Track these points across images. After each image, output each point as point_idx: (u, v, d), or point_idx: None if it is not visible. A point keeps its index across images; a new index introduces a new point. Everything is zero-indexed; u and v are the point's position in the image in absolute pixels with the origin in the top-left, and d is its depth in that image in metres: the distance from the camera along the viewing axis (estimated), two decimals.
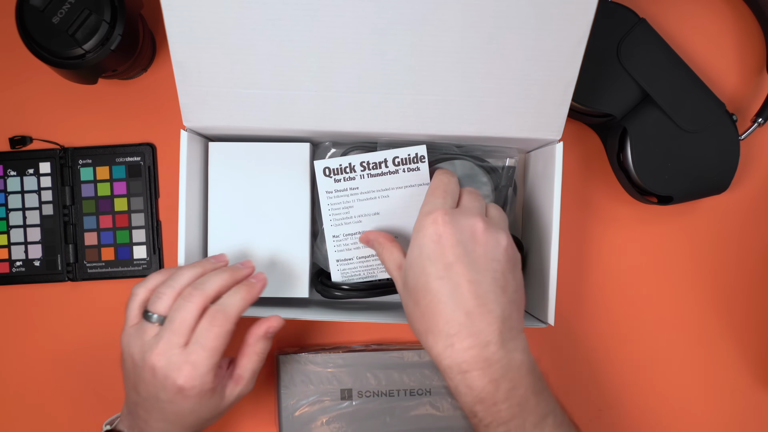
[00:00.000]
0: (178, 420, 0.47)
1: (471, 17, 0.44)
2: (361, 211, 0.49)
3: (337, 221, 0.49)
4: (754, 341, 0.61)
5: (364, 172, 0.47)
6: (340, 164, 0.46)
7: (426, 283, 0.42)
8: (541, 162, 0.54)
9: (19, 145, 0.61)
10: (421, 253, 0.43)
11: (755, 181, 0.61)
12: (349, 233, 0.51)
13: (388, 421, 0.58)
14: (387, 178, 0.48)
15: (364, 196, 0.49)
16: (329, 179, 0.47)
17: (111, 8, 0.51)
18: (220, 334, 0.45)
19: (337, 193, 0.48)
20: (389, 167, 0.47)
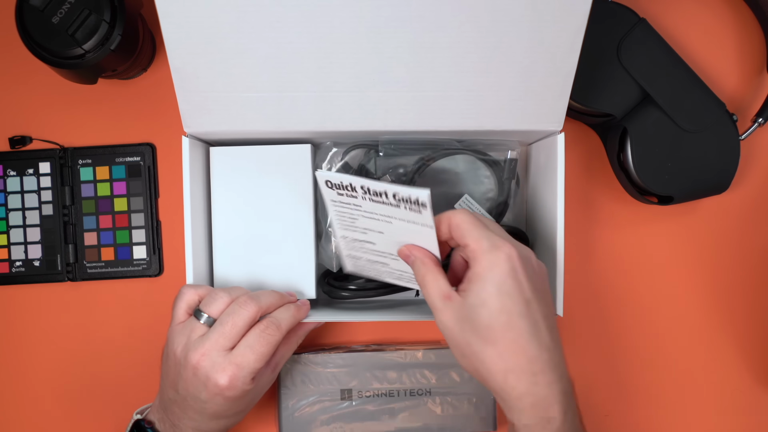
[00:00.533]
0: (214, 419, 0.49)
1: (467, 12, 0.44)
2: (366, 225, 0.47)
3: (345, 226, 0.48)
4: (754, 341, 0.61)
5: (365, 195, 0.44)
6: (341, 181, 0.44)
7: (508, 321, 0.41)
8: (543, 154, 0.54)
9: (19, 145, 0.61)
10: (500, 291, 0.41)
11: (755, 181, 0.61)
12: (356, 239, 0.49)
13: (388, 421, 0.58)
14: (388, 208, 0.44)
15: (368, 215, 0.46)
16: (332, 191, 0.45)
17: (111, 8, 0.51)
18: (270, 342, 0.47)
19: (342, 204, 0.46)
20: (389, 200, 0.43)
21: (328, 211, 0.48)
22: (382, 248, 0.48)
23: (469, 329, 0.42)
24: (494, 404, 0.59)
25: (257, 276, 0.55)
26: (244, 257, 0.55)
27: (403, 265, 0.48)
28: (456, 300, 0.42)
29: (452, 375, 0.58)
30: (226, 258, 0.55)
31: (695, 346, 0.61)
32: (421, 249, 0.45)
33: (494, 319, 0.41)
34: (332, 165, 0.56)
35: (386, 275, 0.51)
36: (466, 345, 0.42)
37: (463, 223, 0.43)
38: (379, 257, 0.49)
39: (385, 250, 0.48)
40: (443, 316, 0.43)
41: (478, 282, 0.41)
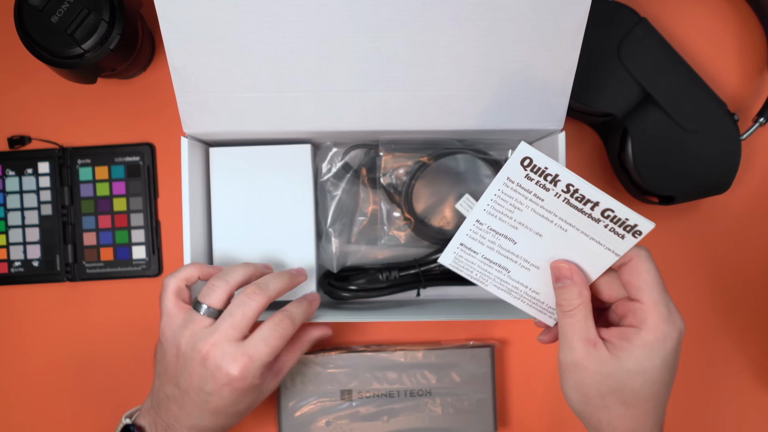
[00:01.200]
0: (213, 417, 0.48)
1: (467, 10, 0.44)
2: (527, 220, 0.42)
3: (493, 211, 0.42)
4: (755, 341, 0.61)
5: (562, 194, 0.40)
6: (545, 166, 0.39)
7: (657, 392, 0.41)
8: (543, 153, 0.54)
9: (18, 144, 0.61)
10: (664, 364, 0.40)
11: (756, 181, 0.61)
12: (495, 230, 0.43)
13: (388, 421, 0.58)
14: (579, 216, 0.40)
15: (541, 212, 0.41)
16: (522, 170, 0.40)
17: (110, 7, 0.51)
18: (283, 336, 0.47)
19: (518, 188, 0.40)
20: (593, 212, 0.40)
21: (489, 189, 0.41)
22: (522, 252, 0.43)
23: (612, 388, 0.41)
24: (494, 405, 0.58)
25: None
26: (243, 258, 0.55)
27: (530, 279, 0.44)
28: (602, 351, 0.41)
29: (452, 375, 0.58)
30: (225, 258, 0.55)
31: (696, 346, 0.61)
32: (582, 276, 0.42)
33: (647, 389, 0.41)
34: (332, 165, 0.56)
35: (495, 282, 0.45)
36: (599, 398, 0.41)
37: (647, 275, 0.41)
38: (507, 260, 0.44)
39: (523, 255, 0.44)
40: (581, 360, 0.41)
41: (644, 349, 0.40)
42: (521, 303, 0.46)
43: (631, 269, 0.41)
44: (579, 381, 0.42)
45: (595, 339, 0.41)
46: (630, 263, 0.41)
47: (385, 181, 0.54)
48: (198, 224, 0.53)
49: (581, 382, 0.42)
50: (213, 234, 0.55)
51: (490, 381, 0.58)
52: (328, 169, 0.56)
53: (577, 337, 0.41)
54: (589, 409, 0.42)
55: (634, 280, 0.41)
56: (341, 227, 0.56)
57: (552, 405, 0.61)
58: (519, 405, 0.61)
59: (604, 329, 0.42)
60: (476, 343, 0.60)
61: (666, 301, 0.41)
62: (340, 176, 0.56)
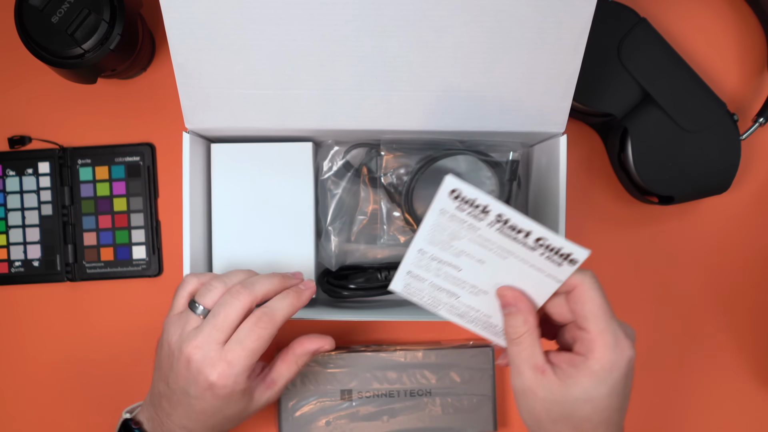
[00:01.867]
0: (201, 419, 0.46)
1: (472, 11, 0.44)
2: (467, 248, 0.41)
3: (434, 240, 0.41)
4: (755, 341, 0.61)
5: (495, 224, 0.39)
6: (474, 198, 0.38)
7: (608, 417, 0.41)
8: (544, 156, 0.54)
9: (18, 144, 0.61)
10: (612, 392, 0.40)
11: (756, 181, 0.61)
12: (438, 258, 0.42)
13: (388, 421, 0.58)
14: (515, 245, 0.39)
15: (479, 240, 0.40)
16: (453, 202, 0.39)
17: (110, 7, 0.51)
18: (262, 336, 0.44)
19: (453, 218, 0.40)
20: (527, 240, 0.39)
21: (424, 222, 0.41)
22: (469, 278, 0.43)
23: (561, 414, 0.41)
24: (494, 404, 0.58)
25: None
26: (243, 255, 0.55)
27: (480, 304, 0.43)
28: (550, 378, 0.40)
29: (452, 375, 0.58)
30: (225, 255, 0.55)
31: (696, 346, 0.61)
32: (529, 302, 0.41)
33: (596, 415, 0.40)
34: (333, 163, 0.56)
35: (446, 308, 0.45)
36: (550, 423, 0.41)
37: (591, 304, 0.40)
38: (454, 286, 0.43)
39: (470, 281, 0.43)
40: (530, 386, 0.41)
41: (591, 378, 0.39)
42: (474, 326, 0.45)
43: (575, 298, 0.40)
44: (530, 406, 0.42)
45: (543, 366, 0.40)
46: (574, 292, 0.40)
47: (386, 180, 0.54)
48: (198, 222, 0.53)
49: (532, 407, 0.41)
50: (213, 229, 0.55)
51: (490, 381, 0.58)
52: (329, 167, 0.56)
53: (525, 365, 0.41)
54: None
55: (579, 309, 0.40)
56: (341, 226, 0.56)
57: None
58: None
59: (555, 353, 0.41)
60: (476, 343, 0.60)
61: (613, 329, 0.39)
62: (340, 175, 0.56)
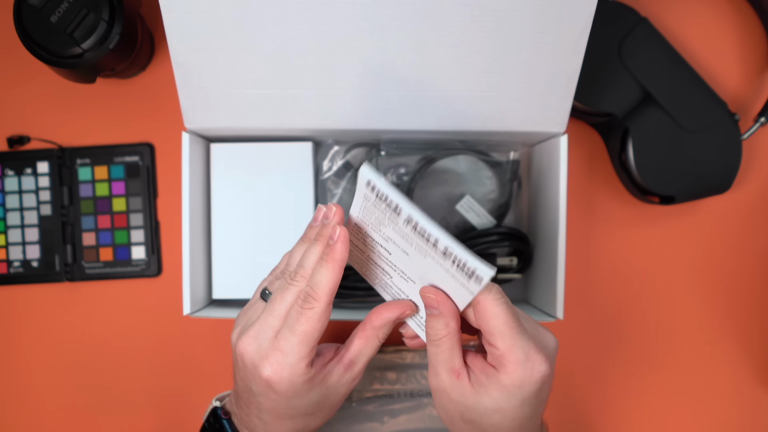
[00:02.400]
0: (275, 417, 0.41)
1: (472, 11, 0.44)
2: (392, 236, 0.39)
3: (365, 221, 0.40)
4: (755, 341, 0.61)
5: (408, 225, 0.37)
6: (386, 195, 0.37)
7: (520, 425, 0.40)
8: (545, 156, 0.54)
9: (17, 144, 0.61)
10: (523, 403, 0.38)
11: (757, 181, 0.61)
12: (370, 236, 0.41)
13: (388, 422, 0.58)
14: (430, 249, 0.37)
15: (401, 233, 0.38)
16: (371, 193, 0.38)
17: (109, 7, 0.51)
18: (311, 317, 0.38)
19: (375, 206, 0.39)
20: (437, 247, 0.36)
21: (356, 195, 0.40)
22: (398, 263, 0.41)
23: (472, 418, 0.40)
24: None
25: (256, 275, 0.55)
26: (242, 255, 0.55)
27: (408, 290, 0.42)
28: (464, 383, 0.39)
29: None
30: (224, 255, 0.55)
31: (696, 346, 0.61)
32: (452, 306, 0.39)
33: (506, 423, 0.39)
34: (333, 163, 0.55)
35: (382, 284, 0.44)
36: (462, 422, 0.41)
37: (495, 320, 0.37)
38: (387, 266, 0.42)
39: (399, 266, 0.41)
40: (444, 387, 0.40)
41: (501, 391, 0.38)
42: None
43: (479, 314, 0.38)
44: (444, 406, 0.41)
45: (459, 369, 0.39)
46: (478, 307, 0.37)
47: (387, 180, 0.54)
48: (198, 222, 0.53)
49: (446, 407, 0.41)
50: (212, 229, 0.55)
51: None
52: (329, 167, 0.56)
53: (442, 367, 0.39)
54: (456, 429, 0.42)
55: (484, 326, 0.38)
56: None
57: (551, 404, 0.61)
58: None
59: (472, 356, 0.40)
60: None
61: (522, 345, 0.37)
62: (341, 175, 0.56)
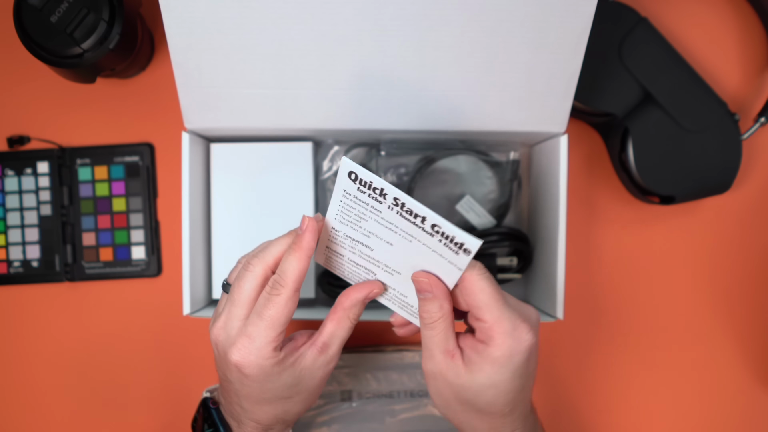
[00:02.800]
0: (252, 403, 0.43)
1: (472, 11, 0.44)
2: (374, 230, 0.40)
3: (344, 220, 0.41)
4: (755, 341, 0.61)
5: (394, 207, 0.38)
6: (370, 181, 0.38)
7: (513, 398, 0.41)
8: (545, 156, 0.54)
9: (17, 144, 0.61)
10: (514, 376, 0.40)
11: (757, 181, 0.61)
12: (351, 237, 0.42)
13: (388, 422, 0.58)
14: (417, 230, 0.38)
15: (384, 222, 0.39)
16: (352, 183, 0.38)
17: (109, 7, 0.51)
18: (278, 303, 0.40)
19: (356, 200, 0.39)
20: (424, 226, 0.37)
21: (333, 197, 0.40)
22: (381, 258, 0.42)
23: (467, 398, 0.41)
24: None
25: None
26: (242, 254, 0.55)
27: (396, 283, 0.43)
28: (458, 363, 0.40)
29: None
30: (224, 255, 0.55)
31: (696, 346, 0.61)
32: (444, 287, 0.40)
33: (501, 398, 0.40)
34: (333, 163, 0.56)
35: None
36: (457, 404, 0.42)
37: (481, 294, 0.39)
38: (369, 264, 0.43)
39: (382, 260, 0.42)
40: (440, 370, 0.41)
41: (493, 365, 0.39)
42: (393, 305, 0.44)
43: (465, 290, 0.39)
44: (439, 389, 0.42)
45: (453, 350, 0.40)
46: (463, 284, 0.39)
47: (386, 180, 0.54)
48: (197, 222, 0.53)
49: (441, 390, 0.42)
50: (212, 229, 0.55)
51: None
52: (329, 167, 0.56)
53: (437, 349, 0.41)
54: (451, 413, 0.43)
55: (471, 301, 0.39)
56: None
57: (551, 404, 0.61)
58: None
59: (463, 337, 0.41)
60: None
61: (509, 316, 0.39)
62: None
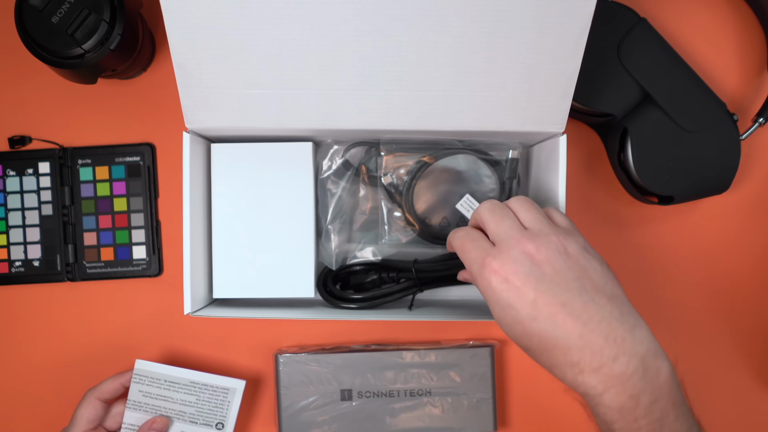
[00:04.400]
0: None
1: (472, 11, 0.44)
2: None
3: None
4: (754, 341, 0.61)
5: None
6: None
7: (523, 330, 0.40)
8: (544, 155, 0.54)
9: (19, 144, 0.61)
10: (502, 306, 0.40)
11: (756, 181, 0.61)
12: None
13: (388, 421, 0.58)
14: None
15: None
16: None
17: (110, 8, 0.51)
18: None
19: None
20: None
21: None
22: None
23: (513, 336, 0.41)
24: (494, 404, 0.58)
25: (256, 274, 0.55)
26: (242, 255, 0.55)
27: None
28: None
29: (452, 375, 0.58)
30: (224, 255, 0.55)
31: (695, 346, 0.61)
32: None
33: (514, 331, 0.40)
34: (333, 162, 0.56)
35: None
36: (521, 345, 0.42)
37: (455, 241, 0.44)
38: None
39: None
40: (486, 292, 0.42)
41: (489, 305, 0.41)
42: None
43: (452, 247, 0.46)
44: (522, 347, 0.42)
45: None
46: (450, 242, 0.47)
47: (386, 180, 0.54)
48: (198, 222, 0.53)
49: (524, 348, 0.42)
50: (213, 229, 0.55)
51: (490, 381, 0.58)
52: (329, 166, 0.56)
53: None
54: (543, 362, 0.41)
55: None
56: (341, 225, 0.56)
57: (551, 404, 0.61)
58: (519, 405, 0.61)
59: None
60: (476, 343, 0.60)
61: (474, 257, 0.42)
62: (340, 174, 0.56)
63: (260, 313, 0.53)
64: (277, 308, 0.55)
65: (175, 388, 0.57)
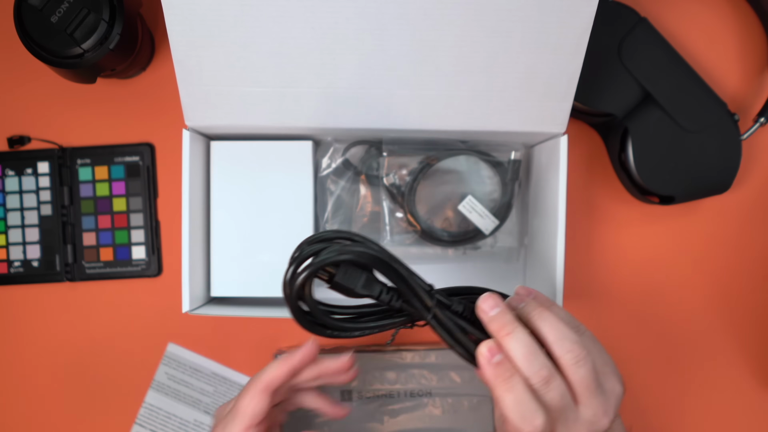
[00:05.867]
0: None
1: (473, 11, 0.44)
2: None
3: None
4: (755, 341, 0.61)
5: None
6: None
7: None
8: (545, 156, 0.54)
9: (18, 144, 0.61)
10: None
11: (757, 181, 0.61)
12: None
13: (388, 422, 0.58)
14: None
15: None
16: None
17: (109, 7, 0.51)
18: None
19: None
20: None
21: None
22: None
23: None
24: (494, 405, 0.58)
25: (255, 272, 0.55)
26: (241, 254, 0.55)
27: None
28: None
29: (452, 376, 0.58)
30: (224, 255, 0.55)
31: (696, 346, 0.61)
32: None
33: None
34: (332, 161, 0.56)
35: None
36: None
37: (515, 358, 0.39)
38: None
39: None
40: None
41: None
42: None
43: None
44: None
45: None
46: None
47: (388, 181, 0.54)
48: (197, 222, 0.53)
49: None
50: (212, 228, 0.55)
51: None
52: (329, 164, 0.56)
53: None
54: None
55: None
56: (339, 224, 0.56)
57: None
58: None
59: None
60: None
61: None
62: (340, 173, 0.56)
63: (259, 312, 0.53)
64: (277, 307, 0.55)
65: (197, 376, 0.58)
